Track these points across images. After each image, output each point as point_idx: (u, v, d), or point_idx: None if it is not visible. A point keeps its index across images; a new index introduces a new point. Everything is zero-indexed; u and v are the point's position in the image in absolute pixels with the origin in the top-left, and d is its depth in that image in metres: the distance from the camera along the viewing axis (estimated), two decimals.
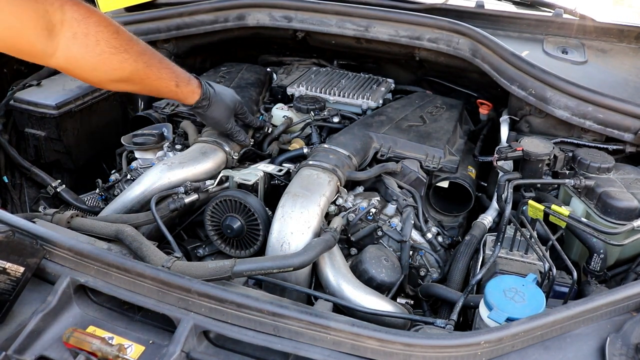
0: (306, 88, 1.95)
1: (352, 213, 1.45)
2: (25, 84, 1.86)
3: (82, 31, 1.14)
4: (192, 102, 1.46)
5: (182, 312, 0.98)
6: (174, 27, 2.01)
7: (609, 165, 1.39)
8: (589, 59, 1.80)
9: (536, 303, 1.03)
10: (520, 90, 1.63)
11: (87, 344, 0.90)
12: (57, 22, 1.10)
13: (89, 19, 1.15)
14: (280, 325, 0.94)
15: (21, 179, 1.89)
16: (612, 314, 0.99)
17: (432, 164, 1.56)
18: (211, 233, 1.44)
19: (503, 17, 2.06)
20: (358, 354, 0.92)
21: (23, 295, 1.01)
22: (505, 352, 0.92)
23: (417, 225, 1.51)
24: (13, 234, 1.03)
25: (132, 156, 1.79)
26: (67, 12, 1.11)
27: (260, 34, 2.16)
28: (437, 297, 1.33)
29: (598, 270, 1.31)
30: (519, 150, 1.42)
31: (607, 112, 1.51)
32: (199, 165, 1.51)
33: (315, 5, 2.02)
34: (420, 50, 1.98)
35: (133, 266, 1.02)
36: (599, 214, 1.31)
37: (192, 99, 1.45)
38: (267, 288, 1.30)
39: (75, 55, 1.15)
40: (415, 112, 1.81)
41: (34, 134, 1.83)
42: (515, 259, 1.30)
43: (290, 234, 1.29)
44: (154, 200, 1.36)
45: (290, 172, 1.54)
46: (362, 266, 1.35)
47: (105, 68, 1.21)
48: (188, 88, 1.43)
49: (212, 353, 0.97)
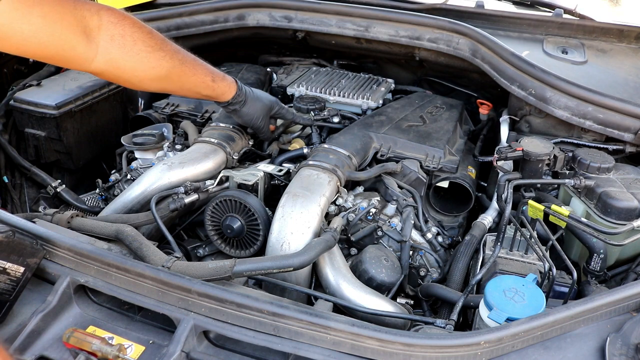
0: (306, 88, 1.95)
1: (352, 213, 1.45)
2: (25, 84, 1.86)
3: (118, 33, 1.18)
4: (229, 97, 1.48)
5: (182, 312, 0.98)
6: (174, 27, 2.01)
7: (609, 165, 1.39)
8: (589, 59, 1.80)
9: (536, 303, 1.03)
10: (520, 90, 1.63)
11: (87, 344, 0.90)
12: (95, 27, 1.14)
13: (124, 21, 1.19)
14: (280, 325, 0.94)
15: (21, 179, 1.89)
16: (612, 314, 0.99)
17: (432, 164, 1.56)
18: (211, 233, 1.44)
19: (503, 17, 2.05)
20: (358, 354, 0.92)
21: (23, 295, 1.01)
22: (505, 352, 0.92)
23: (417, 225, 1.51)
24: (13, 234, 1.03)
25: (132, 156, 1.79)
26: (103, 17, 1.15)
27: (260, 34, 2.16)
28: (437, 297, 1.33)
29: (598, 270, 1.31)
30: (519, 150, 1.42)
31: (607, 112, 1.51)
32: (199, 165, 1.51)
33: (315, 5, 2.02)
34: (420, 50, 1.98)
35: (133, 266, 1.02)
36: (599, 214, 1.31)
37: (228, 94, 1.47)
38: (267, 288, 1.30)
39: (114, 56, 1.18)
40: (415, 112, 1.81)
41: (34, 134, 1.83)
42: (515, 259, 1.30)
43: (290, 234, 1.29)
44: (154, 200, 1.36)
45: (290, 172, 1.54)
46: (362, 266, 1.35)
47: (143, 67, 1.24)
48: (224, 83, 1.45)
49: (212, 353, 0.97)
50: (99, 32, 1.15)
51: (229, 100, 1.49)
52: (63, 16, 1.07)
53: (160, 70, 1.27)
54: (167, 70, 1.29)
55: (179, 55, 1.32)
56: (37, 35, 1.03)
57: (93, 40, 1.14)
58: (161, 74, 1.28)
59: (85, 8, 1.13)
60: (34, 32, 1.03)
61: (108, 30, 1.16)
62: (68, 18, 1.09)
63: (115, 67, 1.21)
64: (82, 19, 1.11)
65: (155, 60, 1.25)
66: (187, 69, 1.34)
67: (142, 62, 1.23)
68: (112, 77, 1.25)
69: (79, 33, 1.11)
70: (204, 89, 1.42)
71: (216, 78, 1.43)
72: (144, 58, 1.23)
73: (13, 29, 1.00)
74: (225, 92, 1.47)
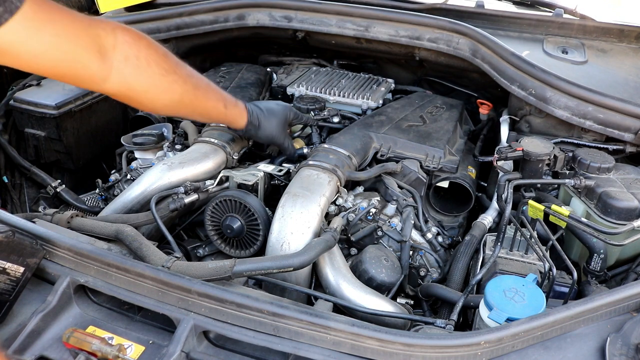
0: (306, 88, 1.95)
1: (352, 213, 1.45)
2: (25, 84, 1.86)
3: (133, 54, 1.15)
4: (242, 125, 1.47)
5: (182, 312, 0.98)
6: (174, 27, 2.01)
7: (609, 165, 1.39)
8: (589, 59, 1.80)
9: (536, 303, 1.03)
10: (520, 90, 1.63)
11: (87, 344, 0.90)
12: (110, 46, 1.11)
13: (139, 42, 1.16)
14: (280, 325, 0.94)
15: (21, 179, 1.89)
16: (612, 314, 0.99)
17: (432, 164, 1.56)
18: (211, 233, 1.44)
19: (503, 17, 2.05)
20: (358, 354, 0.92)
21: (23, 295, 1.01)
22: (505, 352, 0.92)
23: (417, 225, 1.51)
24: (13, 234, 1.03)
25: (132, 156, 1.79)
26: (118, 36, 1.12)
27: (260, 34, 2.16)
28: (437, 297, 1.33)
29: (598, 270, 1.31)
30: (519, 150, 1.42)
31: (607, 112, 1.51)
32: (199, 165, 1.51)
33: (315, 5, 2.02)
34: (420, 50, 1.98)
35: (133, 266, 1.02)
36: (599, 214, 1.31)
37: (241, 121, 1.46)
38: (267, 288, 1.30)
39: (127, 78, 1.15)
40: (415, 112, 1.81)
41: (34, 134, 1.83)
42: (515, 259, 1.30)
43: (290, 234, 1.29)
44: (153, 200, 1.36)
45: (290, 172, 1.54)
46: (362, 266, 1.35)
47: (156, 90, 1.22)
48: (236, 110, 1.44)
49: (212, 353, 0.97)
50: (113, 52, 1.12)
51: (244, 129, 1.48)
52: (77, 34, 1.05)
53: (173, 95, 1.25)
54: (179, 94, 1.26)
55: (192, 79, 1.29)
56: (49, 53, 1.01)
57: (107, 59, 1.11)
58: (174, 98, 1.26)
59: (100, 27, 1.10)
60: (45, 50, 1.00)
61: (123, 50, 1.13)
62: (82, 36, 1.06)
63: (128, 88, 1.18)
64: (96, 38, 1.09)
65: (168, 83, 1.22)
66: (199, 94, 1.32)
67: (155, 84, 1.21)
68: (124, 98, 1.22)
69: (93, 52, 1.08)
70: (216, 115, 1.41)
71: (228, 105, 1.41)
72: (157, 81, 1.20)
73: (24, 46, 0.97)
74: (237, 119, 1.45)
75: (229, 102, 1.41)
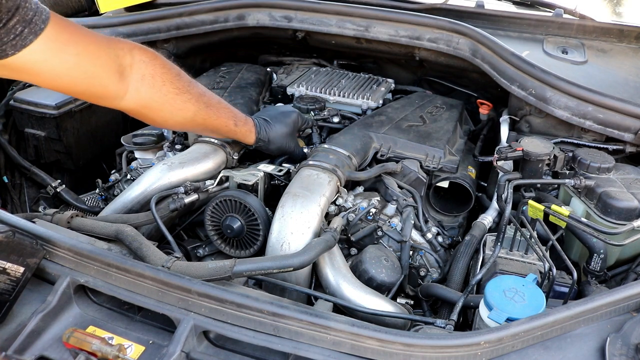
0: (306, 88, 1.95)
1: (352, 213, 1.45)
2: (25, 84, 1.86)
3: (149, 73, 1.19)
4: (252, 141, 1.51)
5: (182, 312, 0.98)
6: (174, 27, 2.01)
7: (609, 165, 1.39)
8: (589, 59, 1.80)
9: (536, 303, 1.03)
10: (520, 90, 1.63)
11: (87, 344, 0.90)
12: (127, 65, 1.15)
13: (155, 61, 1.21)
14: (280, 325, 0.94)
15: (21, 179, 1.89)
16: (612, 314, 0.99)
17: (432, 164, 1.56)
18: (211, 233, 1.44)
19: (503, 17, 2.05)
20: (358, 354, 0.92)
21: (23, 295, 1.01)
22: (505, 352, 0.92)
23: (417, 225, 1.51)
24: (13, 234, 1.03)
25: (132, 156, 1.79)
26: (135, 56, 1.17)
27: (260, 34, 2.16)
28: (437, 297, 1.33)
29: (598, 270, 1.31)
30: (519, 150, 1.42)
31: (607, 112, 1.51)
32: (199, 165, 1.51)
33: (315, 5, 2.02)
34: (420, 50, 1.98)
35: (133, 266, 1.02)
36: (599, 214, 1.31)
37: (250, 137, 1.49)
38: (267, 288, 1.30)
39: (143, 96, 1.20)
40: (415, 112, 1.81)
41: (34, 134, 1.83)
42: (515, 259, 1.30)
43: (290, 234, 1.29)
44: (153, 200, 1.36)
45: (290, 172, 1.54)
46: (362, 266, 1.35)
47: (170, 108, 1.26)
48: (246, 127, 1.47)
49: (212, 353, 0.97)
50: (131, 71, 1.16)
51: (254, 144, 1.52)
52: (97, 55, 1.09)
53: (186, 113, 1.29)
54: (192, 113, 1.30)
55: (203, 98, 1.33)
56: (70, 73, 1.05)
57: (125, 78, 1.15)
58: (187, 116, 1.30)
59: (118, 47, 1.14)
60: (67, 70, 1.04)
61: (140, 69, 1.17)
62: (102, 56, 1.10)
63: (143, 106, 1.22)
64: (115, 58, 1.12)
65: (182, 102, 1.26)
66: (211, 112, 1.36)
67: (169, 103, 1.24)
68: (139, 115, 1.26)
69: (112, 72, 1.12)
70: (227, 132, 1.45)
71: (238, 122, 1.45)
72: (171, 99, 1.24)
73: (47, 66, 1.01)
74: (247, 135, 1.49)
75: (239, 120, 1.45)
